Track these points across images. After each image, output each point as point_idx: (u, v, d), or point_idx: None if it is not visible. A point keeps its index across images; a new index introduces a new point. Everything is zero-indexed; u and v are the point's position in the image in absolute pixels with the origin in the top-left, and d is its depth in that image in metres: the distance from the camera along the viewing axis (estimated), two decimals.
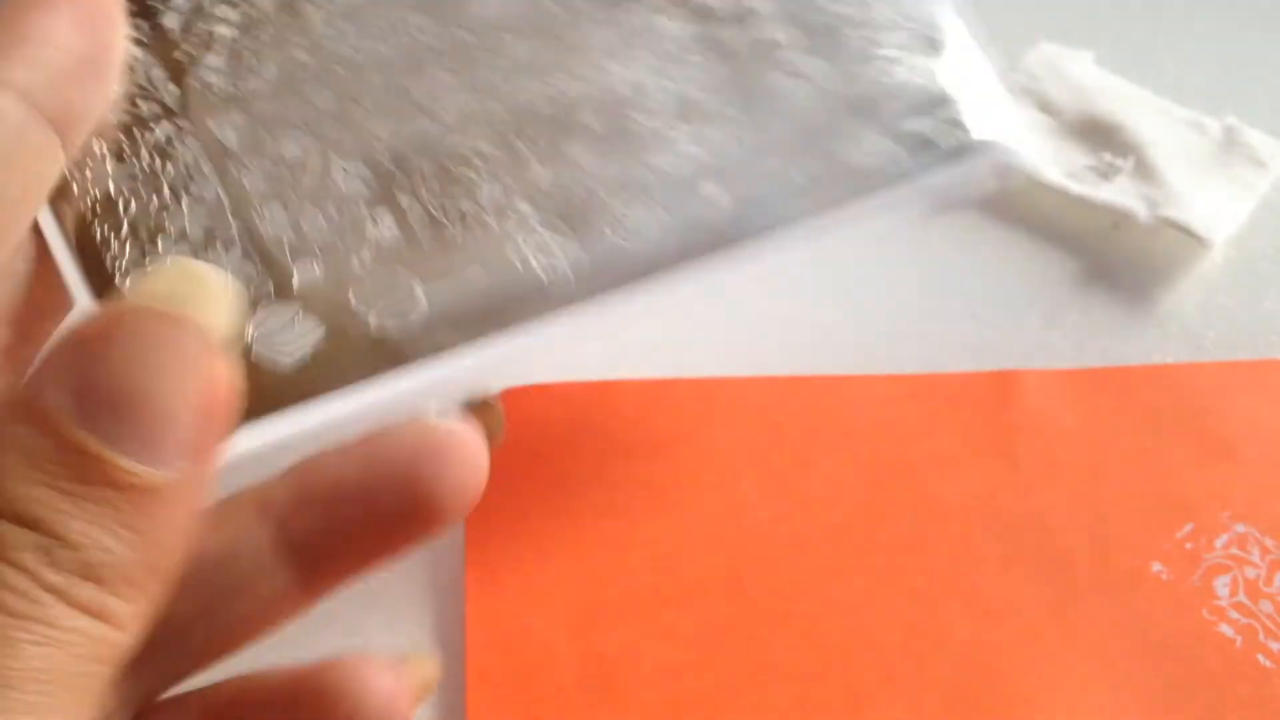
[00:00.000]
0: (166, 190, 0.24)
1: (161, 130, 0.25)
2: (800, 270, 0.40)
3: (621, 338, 0.38)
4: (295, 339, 0.22)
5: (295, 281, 0.24)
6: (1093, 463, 0.34)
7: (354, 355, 0.22)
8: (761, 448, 0.35)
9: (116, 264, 0.22)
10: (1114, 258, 0.39)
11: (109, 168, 0.24)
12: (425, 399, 0.19)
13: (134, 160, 0.24)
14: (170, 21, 0.25)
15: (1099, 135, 0.41)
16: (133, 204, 0.24)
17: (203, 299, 0.16)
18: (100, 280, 0.22)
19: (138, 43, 0.25)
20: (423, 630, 0.32)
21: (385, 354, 0.22)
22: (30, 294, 0.21)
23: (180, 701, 0.21)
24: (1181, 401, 0.36)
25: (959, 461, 0.34)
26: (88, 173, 0.23)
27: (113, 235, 0.23)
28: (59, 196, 0.22)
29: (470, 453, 0.19)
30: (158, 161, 0.25)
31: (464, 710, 0.30)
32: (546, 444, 0.35)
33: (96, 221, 0.23)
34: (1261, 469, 0.34)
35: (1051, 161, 0.41)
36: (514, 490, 0.34)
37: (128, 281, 0.16)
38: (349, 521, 0.19)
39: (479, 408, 0.20)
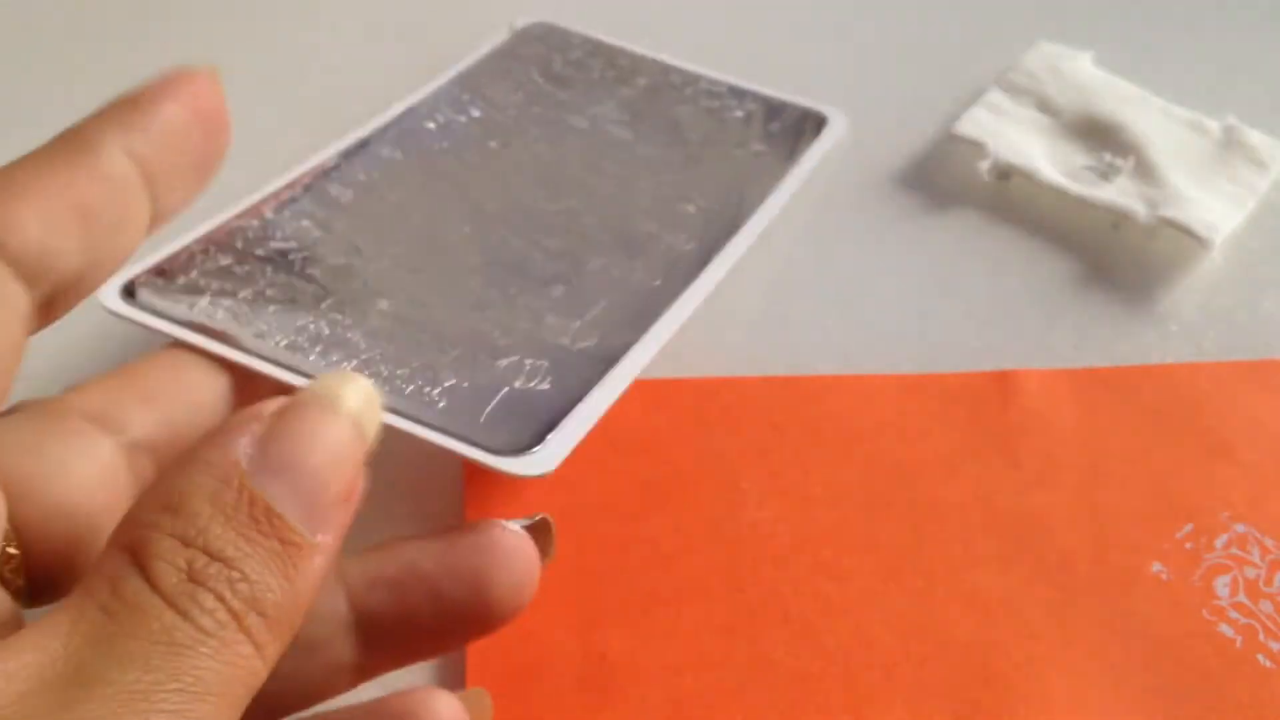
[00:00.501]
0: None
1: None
2: (801, 270, 0.40)
3: None
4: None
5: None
6: (1093, 463, 0.34)
7: None
8: (761, 448, 0.35)
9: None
10: (1114, 258, 0.39)
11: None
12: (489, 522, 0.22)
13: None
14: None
15: (1099, 135, 0.41)
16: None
17: (361, 405, 0.19)
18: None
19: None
20: None
21: None
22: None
23: None
24: (1181, 401, 0.36)
25: (959, 461, 0.34)
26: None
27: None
28: None
29: (528, 559, 0.22)
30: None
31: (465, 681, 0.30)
32: None
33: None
34: (1261, 469, 0.34)
35: (1051, 161, 0.41)
36: (513, 491, 0.34)
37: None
38: (415, 605, 0.22)
39: (536, 526, 0.23)
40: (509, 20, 0.45)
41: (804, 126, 0.41)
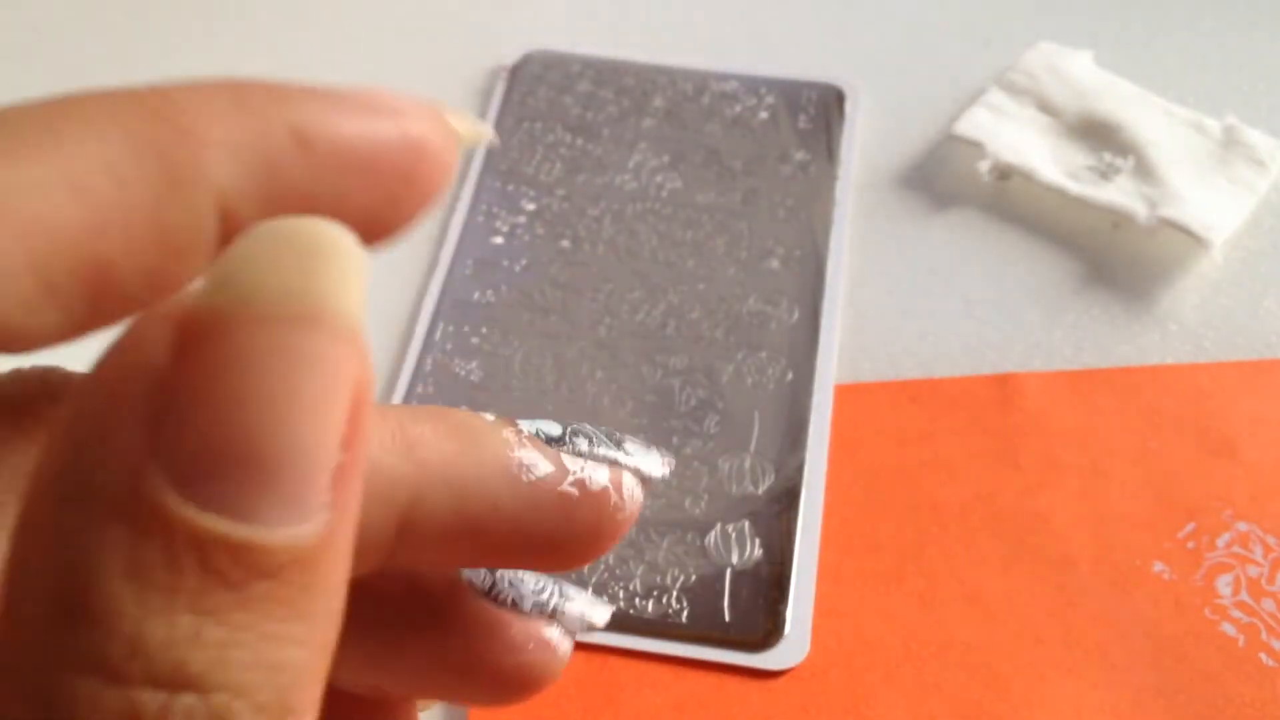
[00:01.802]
0: None
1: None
2: None
3: None
4: None
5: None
6: (1094, 463, 0.34)
7: None
8: None
9: None
10: (1114, 258, 0.39)
11: None
12: None
13: None
14: None
15: (1099, 135, 0.41)
16: None
17: (328, 273, 0.11)
18: None
19: None
20: None
21: None
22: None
23: None
24: (1181, 401, 0.36)
25: (961, 463, 0.34)
26: None
27: None
28: None
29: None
30: None
31: (466, 712, 0.30)
32: None
33: None
34: (1263, 467, 0.34)
35: (1051, 161, 0.41)
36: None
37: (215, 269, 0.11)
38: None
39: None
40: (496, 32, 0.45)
41: (829, 113, 0.43)
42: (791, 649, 0.31)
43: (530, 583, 0.16)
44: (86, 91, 0.12)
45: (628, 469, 0.15)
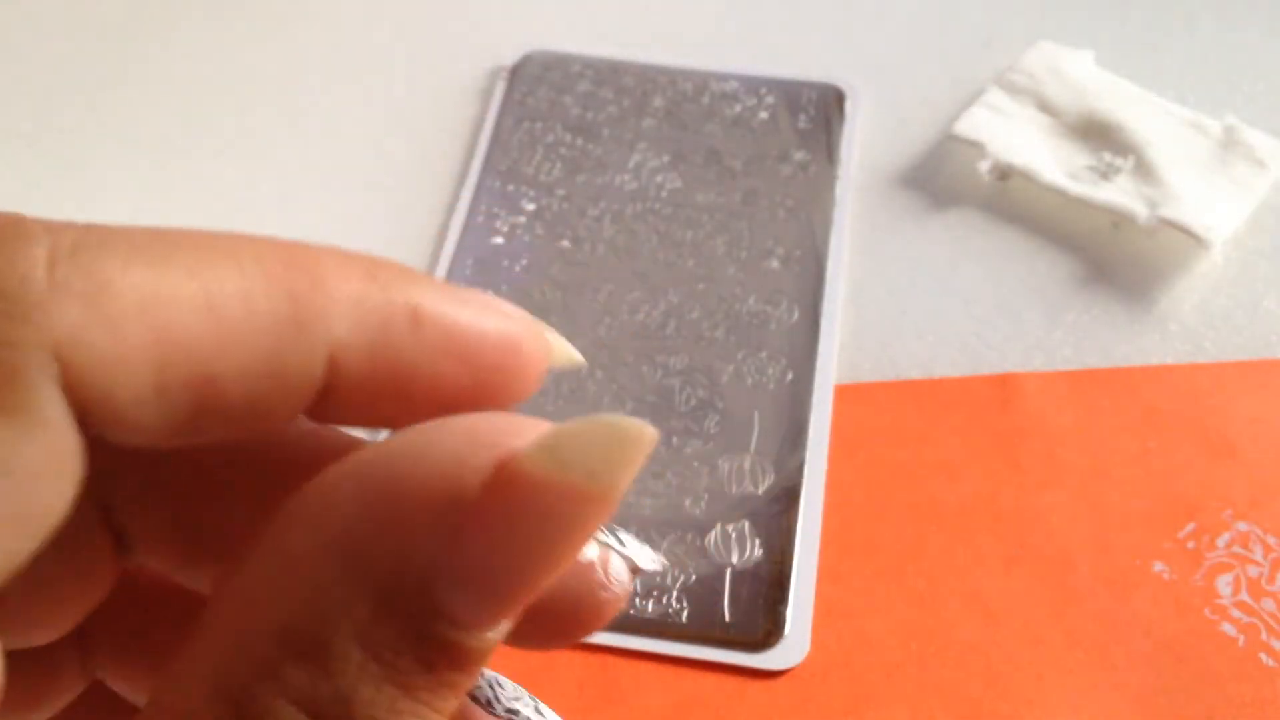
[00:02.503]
0: None
1: None
2: None
3: None
4: None
5: None
6: (1094, 463, 0.34)
7: None
8: None
9: None
10: (1114, 258, 0.39)
11: None
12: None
13: None
14: None
15: (1099, 135, 0.41)
16: None
17: (629, 463, 0.13)
18: None
19: None
20: None
21: None
22: None
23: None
24: (1181, 401, 0.36)
25: (961, 463, 0.34)
26: None
27: None
28: None
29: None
30: None
31: None
32: None
33: None
34: (1263, 467, 0.34)
35: (1051, 161, 0.41)
36: None
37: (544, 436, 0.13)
38: None
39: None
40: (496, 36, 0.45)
41: (829, 113, 0.43)
42: (791, 649, 0.31)
43: (509, 690, 0.17)
44: (237, 233, 0.14)
45: (617, 553, 0.16)
